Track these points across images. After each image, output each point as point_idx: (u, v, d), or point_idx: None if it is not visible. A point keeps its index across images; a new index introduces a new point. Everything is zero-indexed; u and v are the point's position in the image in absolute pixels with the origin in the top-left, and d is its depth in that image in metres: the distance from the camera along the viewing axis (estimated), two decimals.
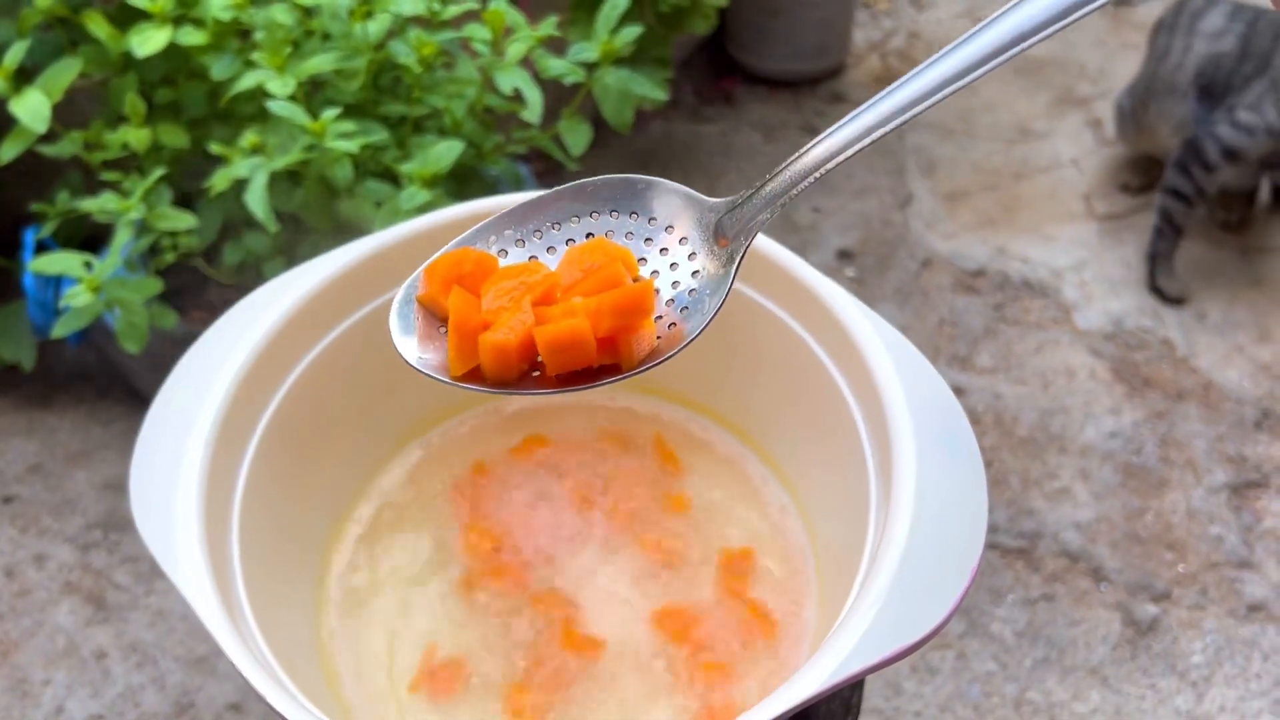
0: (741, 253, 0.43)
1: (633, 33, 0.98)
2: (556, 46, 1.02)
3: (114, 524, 1.16)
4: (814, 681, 0.40)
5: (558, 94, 1.09)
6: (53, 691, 1.03)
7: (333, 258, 0.57)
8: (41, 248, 1.09)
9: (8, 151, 0.94)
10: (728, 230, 0.43)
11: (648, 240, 0.45)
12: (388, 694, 0.53)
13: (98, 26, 0.97)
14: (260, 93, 0.92)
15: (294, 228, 1.02)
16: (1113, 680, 1.06)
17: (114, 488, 1.19)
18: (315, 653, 0.54)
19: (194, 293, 1.10)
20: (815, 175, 0.41)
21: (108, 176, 1.00)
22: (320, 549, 0.58)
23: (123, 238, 0.94)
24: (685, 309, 0.43)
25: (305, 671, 0.50)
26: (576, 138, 1.01)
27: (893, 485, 0.45)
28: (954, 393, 0.49)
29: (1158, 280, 1.42)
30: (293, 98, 0.91)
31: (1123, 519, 1.18)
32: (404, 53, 0.94)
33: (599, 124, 1.07)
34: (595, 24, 0.98)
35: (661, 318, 0.43)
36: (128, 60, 0.99)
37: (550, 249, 0.45)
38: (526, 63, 0.97)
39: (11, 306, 1.16)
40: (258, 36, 0.93)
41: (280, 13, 0.93)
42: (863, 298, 1.40)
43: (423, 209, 0.89)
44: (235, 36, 0.97)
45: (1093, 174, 1.61)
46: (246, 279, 1.07)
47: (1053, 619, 1.10)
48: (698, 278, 0.44)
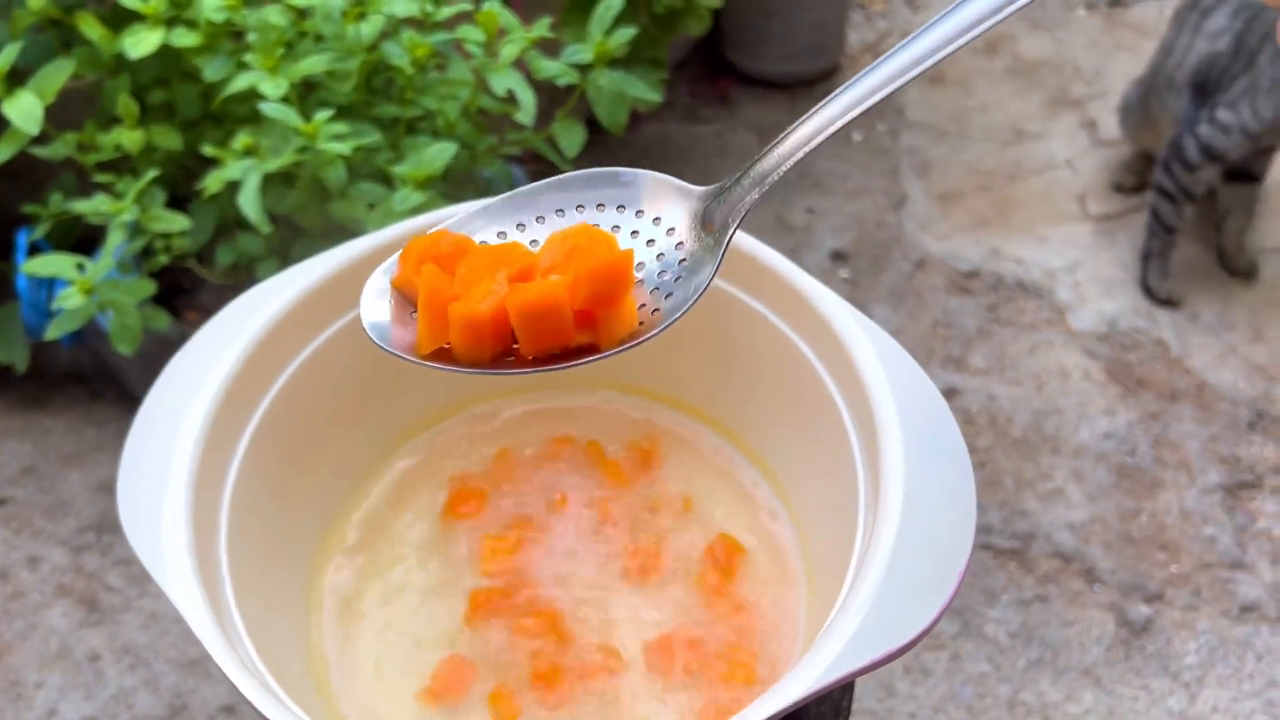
0: (730, 233, 0.42)
1: (627, 34, 0.98)
2: (550, 48, 1.02)
3: (107, 526, 1.16)
4: (802, 684, 0.40)
5: (551, 95, 1.09)
6: (46, 694, 1.03)
7: (324, 259, 0.56)
8: (35, 249, 1.09)
9: (0, 153, 0.94)
10: (715, 217, 0.43)
11: (634, 232, 0.44)
12: (379, 700, 0.53)
13: (91, 28, 0.96)
14: (253, 94, 0.92)
15: (287, 229, 1.02)
16: (1106, 681, 1.06)
17: (107, 489, 1.19)
18: (305, 657, 0.54)
19: (187, 294, 1.10)
20: (803, 151, 0.41)
21: (101, 178, 0.99)
22: (311, 553, 0.58)
23: (116, 239, 0.94)
24: (670, 295, 0.42)
25: (294, 676, 0.50)
26: (570, 139, 1.01)
27: (881, 488, 0.45)
28: (948, 394, 0.49)
29: (1149, 281, 1.42)
30: (286, 99, 0.91)
31: (1116, 520, 1.18)
32: (397, 54, 0.94)
33: (593, 125, 1.07)
34: (589, 25, 0.98)
35: (645, 305, 0.42)
36: (121, 62, 0.99)
37: (534, 241, 0.44)
38: (520, 64, 0.97)
39: (5, 308, 1.16)
40: (251, 38, 0.93)
41: (273, 14, 0.93)
42: (857, 299, 1.42)
43: (416, 211, 0.89)
44: (228, 38, 0.97)
45: (1087, 175, 1.61)
46: (240, 280, 1.07)
47: (1046, 620, 1.10)
48: (683, 265, 0.43)
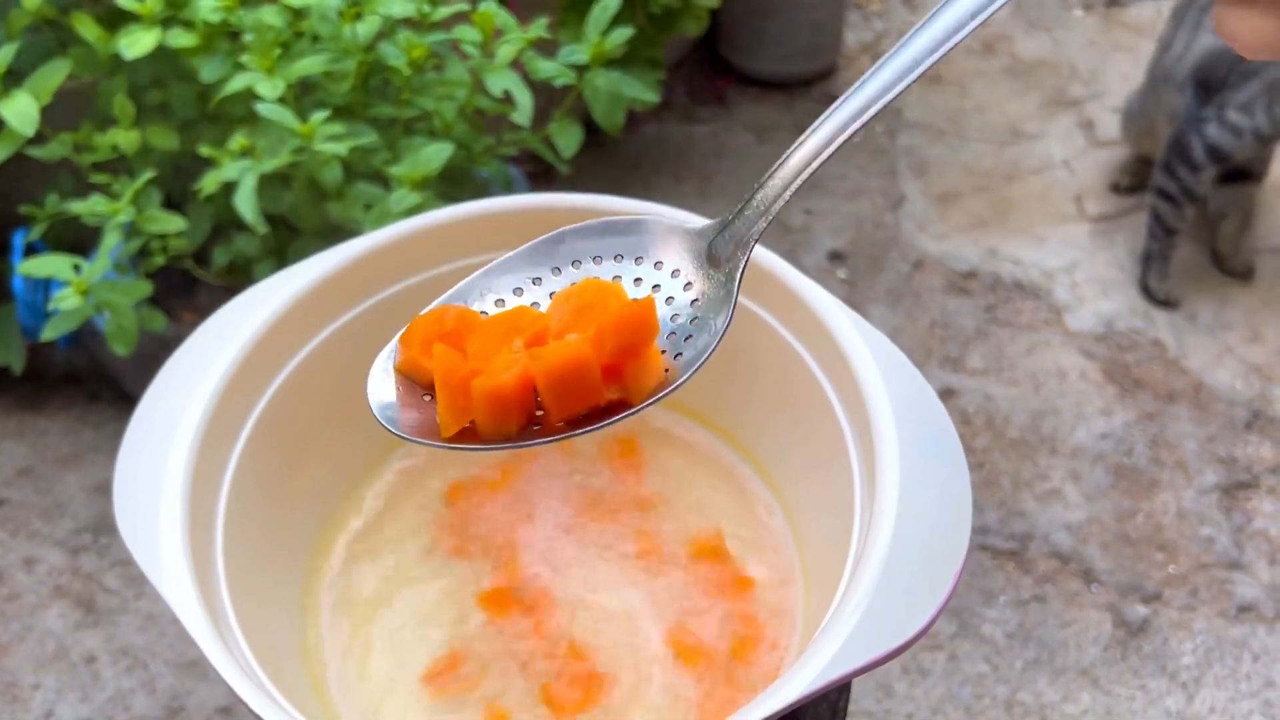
0: (741, 268, 0.41)
1: (623, 34, 0.98)
2: (547, 48, 1.02)
3: (104, 527, 1.16)
4: (798, 685, 0.40)
5: (549, 96, 1.08)
6: (42, 696, 1.03)
7: (321, 260, 0.56)
8: (31, 250, 1.09)
9: None
10: (722, 251, 0.41)
11: (637, 280, 0.42)
12: (376, 700, 0.53)
13: (87, 28, 0.96)
14: (249, 95, 0.92)
15: (284, 230, 1.02)
16: (1103, 681, 1.06)
17: (104, 491, 1.18)
18: (302, 659, 0.54)
19: (184, 295, 1.10)
20: (803, 176, 0.40)
21: (97, 179, 0.99)
22: (308, 554, 0.58)
23: (112, 240, 0.94)
24: (689, 337, 0.40)
25: (291, 677, 0.50)
26: (567, 140, 1.01)
27: (877, 488, 0.45)
28: (945, 394, 0.49)
29: (1148, 281, 1.42)
30: (282, 100, 0.91)
31: (1114, 520, 1.18)
32: (394, 55, 0.94)
33: (590, 126, 1.07)
34: (586, 26, 0.98)
35: (665, 352, 0.40)
36: (117, 62, 0.99)
37: (534, 304, 0.42)
38: (517, 65, 0.96)
39: (1, 309, 1.16)
40: (247, 38, 0.93)
41: (270, 14, 0.93)
42: (854, 300, 1.42)
43: (412, 211, 0.89)
44: (225, 38, 0.97)
45: (1084, 175, 1.61)
46: (236, 281, 1.07)
47: (1044, 620, 1.10)
48: (696, 305, 0.41)
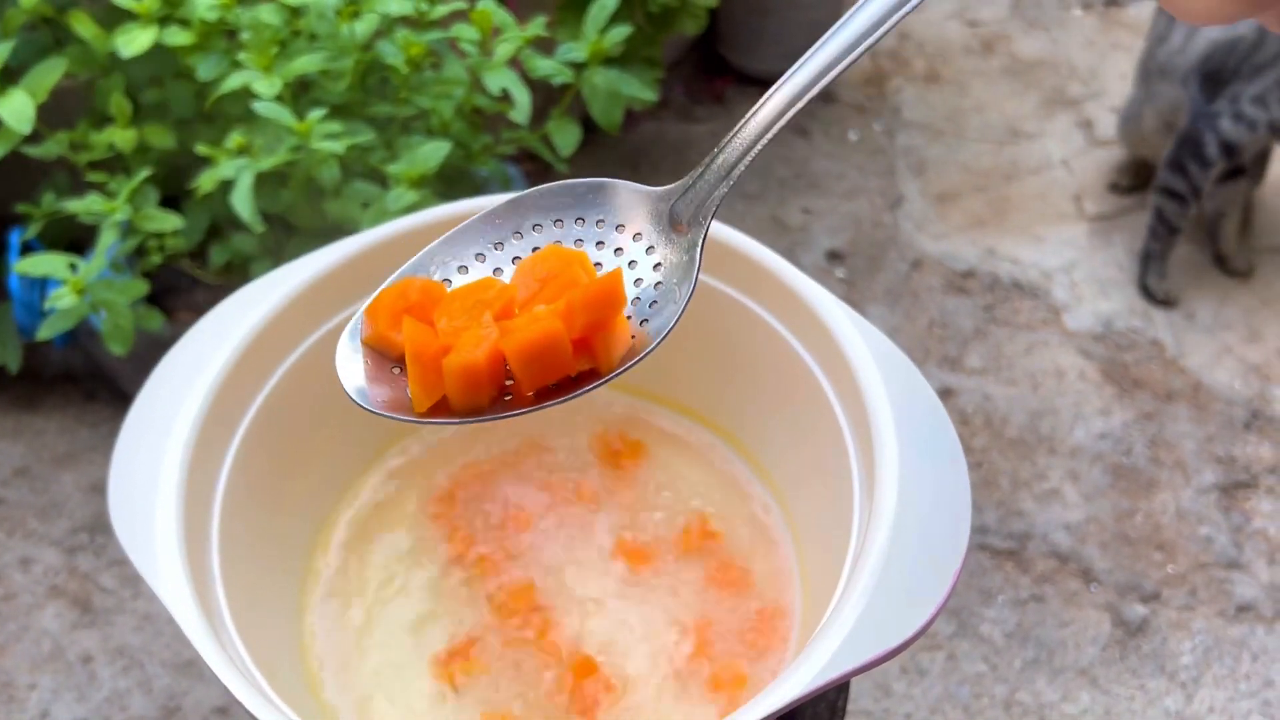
0: (703, 234, 0.41)
1: (621, 33, 0.98)
2: (545, 46, 1.01)
3: (100, 527, 1.15)
4: (797, 685, 0.39)
5: (546, 94, 1.08)
6: (38, 696, 1.03)
7: (317, 258, 0.56)
8: (27, 249, 1.08)
9: None
10: (684, 215, 0.42)
11: (599, 244, 0.42)
12: (372, 699, 0.53)
13: (83, 26, 0.96)
14: (247, 93, 0.92)
15: (281, 228, 1.01)
16: (1102, 681, 1.06)
17: (101, 490, 1.18)
18: (297, 658, 0.54)
19: (181, 294, 1.10)
20: (765, 139, 0.40)
21: (93, 177, 0.99)
22: (302, 554, 0.57)
23: (108, 239, 0.94)
24: (654, 303, 0.41)
25: (286, 676, 0.50)
26: (565, 138, 1.01)
27: (876, 488, 0.45)
28: (944, 394, 0.49)
29: (1148, 280, 1.42)
30: (279, 98, 0.91)
31: (1112, 520, 1.18)
32: (391, 53, 0.94)
33: (588, 124, 1.06)
34: (584, 24, 0.98)
35: (630, 318, 0.41)
36: (114, 60, 0.99)
37: (497, 270, 0.42)
38: (515, 63, 0.96)
39: None
40: (244, 37, 0.93)
41: (267, 13, 0.92)
42: (853, 299, 1.41)
43: (410, 209, 0.88)
44: (222, 37, 0.97)
45: (1083, 175, 1.61)
46: (233, 280, 1.06)
47: (1042, 620, 1.10)
48: (660, 270, 0.41)
